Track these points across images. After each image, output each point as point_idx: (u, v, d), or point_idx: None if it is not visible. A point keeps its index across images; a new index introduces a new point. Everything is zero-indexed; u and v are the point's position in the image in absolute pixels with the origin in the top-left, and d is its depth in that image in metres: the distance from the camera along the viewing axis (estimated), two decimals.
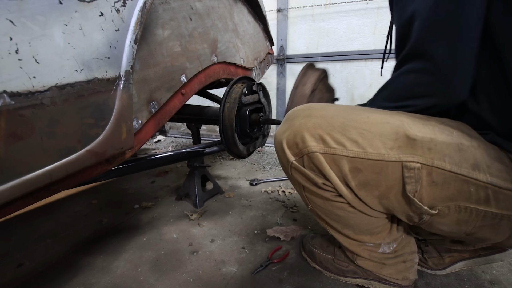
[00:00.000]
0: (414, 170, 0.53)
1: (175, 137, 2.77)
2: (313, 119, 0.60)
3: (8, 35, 0.44)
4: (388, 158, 0.54)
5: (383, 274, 0.78)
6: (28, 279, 0.91)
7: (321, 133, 0.58)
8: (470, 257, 0.83)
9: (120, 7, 0.61)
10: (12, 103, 0.44)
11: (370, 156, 0.55)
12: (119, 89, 0.61)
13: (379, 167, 0.55)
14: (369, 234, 0.73)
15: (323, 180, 0.60)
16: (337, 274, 0.86)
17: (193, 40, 0.88)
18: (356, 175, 0.57)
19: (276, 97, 2.31)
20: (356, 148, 0.56)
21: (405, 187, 0.55)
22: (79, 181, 0.61)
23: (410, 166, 0.54)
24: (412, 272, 0.78)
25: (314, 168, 0.60)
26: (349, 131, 0.57)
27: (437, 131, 0.55)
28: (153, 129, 0.76)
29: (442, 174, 0.53)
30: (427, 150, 0.53)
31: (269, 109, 1.27)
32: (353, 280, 0.84)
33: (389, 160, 0.54)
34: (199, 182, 1.36)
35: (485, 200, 0.53)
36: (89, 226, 1.21)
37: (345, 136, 0.57)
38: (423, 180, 0.54)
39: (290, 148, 0.62)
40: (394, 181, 0.56)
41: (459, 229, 0.58)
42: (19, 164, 0.46)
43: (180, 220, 1.23)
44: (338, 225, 0.71)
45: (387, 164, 0.55)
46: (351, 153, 0.56)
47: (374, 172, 0.56)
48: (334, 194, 0.62)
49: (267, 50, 1.55)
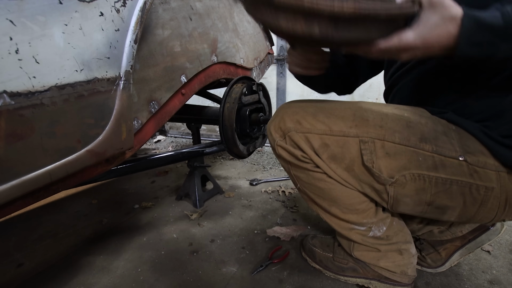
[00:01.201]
0: (368, 143, 0.66)
1: (175, 137, 2.77)
2: (292, 109, 0.73)
3: (8, 35, 0.44)
4: (348, 134, 0.67)
5: (380, 265, 0.80)
6: (28, 279, 0.91)
7: (298, 118, 0.71)
8: (462, 245, 0.87)
9: (120, 7, 0.61)
10: (12, 103, 0.44)
11: (334, 133, 0.68)
12: (119, 89, 0.61)
13: (342, 142, 0.68)
14: (355, 212, 0.76)
15: (301, 152, 0.72)
16: (337, 273, 0.86)
17: (193, 40, 0.88)
18: (325, 150, 0.69)
19: (276, 97, 2.31)
20: (324, 127, 0.69)
21: (363, 158, 0.66)
22: (79, 181, 0.61)
23: (365, 140, 0.66)
24: (410, 268, 0.79)
25: (294, 144, 0.72)
26: (319, 115, 0.70)
27: (390, 113, 0.67)
28: (153, 129, 0.76)
29: (393, 147, 0.64)
30: (379, 127, 0.66)
31: (269, 109, 1.27)
32: (353, 279, 0.84)
33: (349, 136, 0.67)
34: (199, 182, 1.36)
35: (433, 167, 0.63)
36: (89, 226, 1.21)
37: (315, 119, 0.70)
38: (377, 152, 0.65)
39: (276, 131, 0.75)
40: (354, 154, 0.68)
41: (420, 199, 0.67)
42: (19, 164, 0.46)
43: (180, 220, 1.23)
44: (325, 202, 0.78)
45: (348, 139, 0.67)
46: (320, 131, 0.69)
47: (339, 146, 0.68)
48: (312, 165, 0.72)
49: (267, 50, 1.55)
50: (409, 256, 0.79)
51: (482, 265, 0.91)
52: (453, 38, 0.47)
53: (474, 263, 0.92)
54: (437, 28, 0.47)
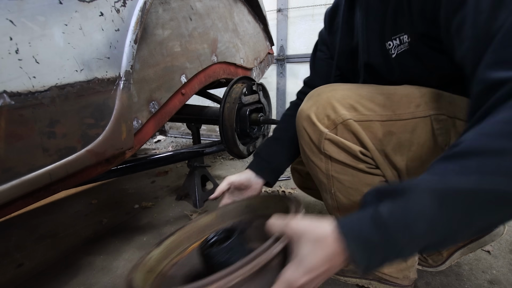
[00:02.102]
0: (442, 121, 0.56)
1: (175, 137, 2.77)
2: (340, 91, 0.60)
3: (8, 35, 0.44)
4: (417, 115, 0.57)
5: (383, 272, 0.78)
6: (28, 279, 0.91)
7: (351, 102, 0.58)
8: (464, 244, 0.85)
9: (120, 7, 0.61)
10: (12, 103, 0.44)
11: (401, 116, 0.57)
12: (119, 89, 0.61)
13: (411, 126, 0.57)
14: None
15: (360, 148, 0.59)
16: (337, 274, 0.85)
17: (193, 40, 0.88)
18: (391, 139, 0.58)
19: (276, 97, 2.31)
20: (387, 111, 0.57)
21: (436, 139, 0.56)
22: (79, 181, 0.61)
23: (439, 118, 0.56)
24: (412, 271, 0.78)
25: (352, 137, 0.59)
26: (377, 97, 0.58)
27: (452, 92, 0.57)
28: (153, 129, 0.76)
29: (463, 126, 0.55)
30: (449, 104, 0.56)
31: (269, 109, 1.27)
32: (353, 280, 0.84)
33: (419, 116, 0.57)
34: (199, 182, 1.36)
35: None
36: (89, 226, 1.21)
37: (373, 102, 0.58)
38: (451, 131, 0.56)
39: (320, 120, 0.60)
40: (425, 137, 0.57)
41: None
42: (19, 164, 0.46)
43: (180, 220, 1.23)
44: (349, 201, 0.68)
45: (417, 121, 0.57)
46: (383, 117, 0.57)
47: (407, 131, 0.57)
48: (369, 165, 0.61)
49: (267, 50, 1.56)
50: (412, 260, 0.77)
51: (482, 265, 0.91)
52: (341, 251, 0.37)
53: (474, 263, 0.92)
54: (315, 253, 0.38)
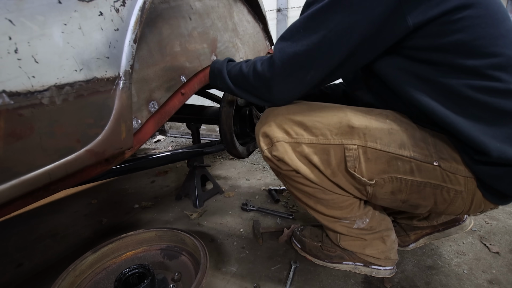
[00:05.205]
0: (352, 150, 0.69)
1: (175, 137, 2.77)
2: (280, 117, 0.76)
3: (7, 35, 0.44)
4: (333, 142, 0.71)
5: (366, 253, 0.86)
6: (28, 279, 0.91)
7: (286, 127, 0.75)
8: (431, 232, 0.97)
9: (119, 7, 0.61)
10: (11, 103, 0.44)
11: (320, 141, 0.72)
12: (119, 89, 0.61)
13: (328, 150, 0.72)
14: (339, 209, 0.81)
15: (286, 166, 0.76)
16: (326, 261, 0.92)
17: (192, 40, 0.88)
18: (312, 157, 0.73)
19: None
20: (311, 136, 0.73)
21: (346, 164, 0.70)
22: (78, 181, 0.61)
23: (349, 147, 0.70)
24: (393, 253, 0.87)
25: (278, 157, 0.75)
26: (306, 124, 0.73)
27: (373, 120, 0.70)
28: (152, 129, 0.76)
29: (374, 153, 0.68)
30: (363, 134, 0.69)
31: None
32: (340, 266, 0.90)
33: (334, 143, 0.71)
34: (199, 182, 1.36)
35: (410, 172, 0.67)
36: (89, 226, 1.21)
37: (302, 127, 0.74)
38: (360, 158, 0.69)
39: (263, 139, 0.78)
40: (339, 160, 0.72)
41: (396, 198, 0.72)
42: (18, 164, 0.46)
43: (180, 220, 1.23)
44: (310, 201, 0.83)
45: (333, 146, 0.71)
46: (308, 140, 0.73)
47: (325, 153, 0.72)
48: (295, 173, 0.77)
49: (267, 49, 1.55)
50: (391, 242, 0.87)
51: (482, 265, 0.91)
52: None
53: (474, 263, 0.92)
54: None
